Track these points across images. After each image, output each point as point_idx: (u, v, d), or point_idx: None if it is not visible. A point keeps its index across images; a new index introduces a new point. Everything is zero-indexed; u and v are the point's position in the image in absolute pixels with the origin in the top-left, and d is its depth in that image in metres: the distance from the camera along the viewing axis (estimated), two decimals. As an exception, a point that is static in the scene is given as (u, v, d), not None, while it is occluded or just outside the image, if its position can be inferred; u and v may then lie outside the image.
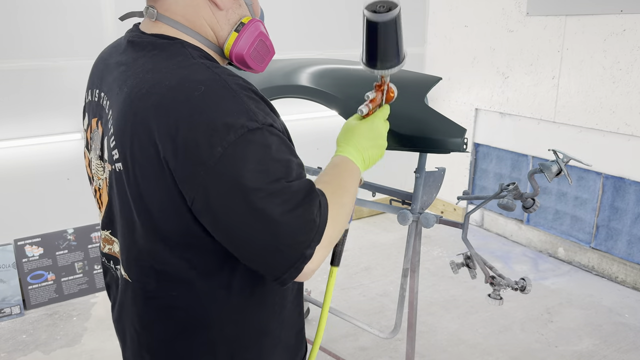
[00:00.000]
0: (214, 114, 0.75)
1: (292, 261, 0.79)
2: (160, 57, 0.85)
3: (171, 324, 0.91)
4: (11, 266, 2.82)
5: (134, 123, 0.80)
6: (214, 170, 0.74)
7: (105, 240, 1.00)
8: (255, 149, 0.76)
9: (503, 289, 1.61)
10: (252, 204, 0.75)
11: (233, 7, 0.91)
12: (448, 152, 1.53)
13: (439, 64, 4.11)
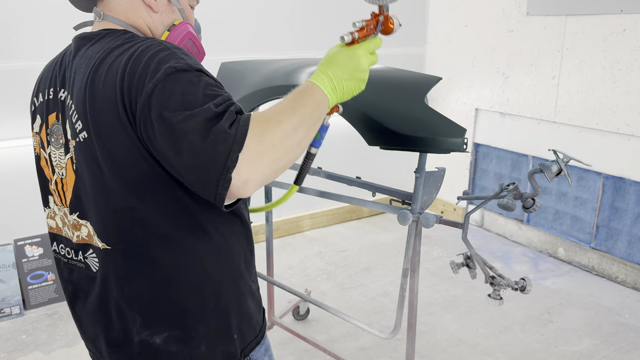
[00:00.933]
0: (148, 62, 0.88)
1: (217, 172, 0.84)
2: (113, 40, 0.97)
3: (157, 276, 0.99)
4: (11, 266, 2.82)
5: (92, 90, 0.92)
6: (148, 103, 0.86)
7: (73, 226, 1.06)
8: (180, 85, 0.87)
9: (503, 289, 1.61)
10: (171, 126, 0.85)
11: (166, 12, 1.07)
12: (448, 152, 1.53)
13: (439, 64, 4.11)
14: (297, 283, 3.16)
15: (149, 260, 0.99)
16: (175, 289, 1.00)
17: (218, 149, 0.84)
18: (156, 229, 0.97)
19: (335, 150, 3.84)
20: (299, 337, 2.38)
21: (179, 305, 1.01)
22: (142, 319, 1.02)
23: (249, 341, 1.10)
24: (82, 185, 1.00)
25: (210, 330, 1.03)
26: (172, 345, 1.02)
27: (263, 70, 1.97)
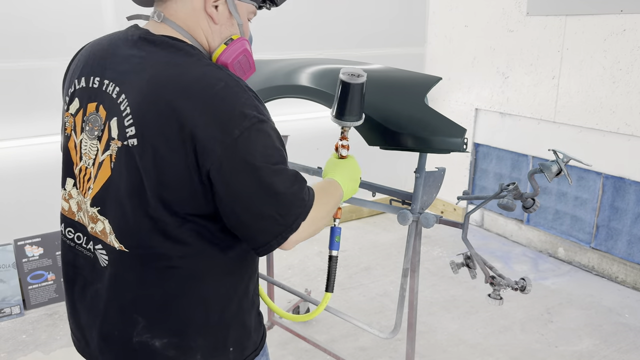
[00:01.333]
0: (233, 104, 0.93)
1: (282, 229, 0.97)
2: (177, 54, 1.00)
3: (168, 285, 1.03)
4: (11, 266, 2.82)
5: (157, 105, 0.94)
6: (230, 147, 0.91)
7: (91, 218, 1.07)
8: (262, 136, 0.94)
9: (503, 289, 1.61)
10: (260, 178, 0.93)
11: (226, 25, 1.09)
12: (448, 152, 1.53)
13: (439, 64, 4.11)
14: (297, 283, 3.16)
15: (164, 270, 1.02)
16: (183, 300, 1.04)
17: (292, 211, 0.97)
18: (178, 243, 1.01)
19: (335, 150, 3.84)
20: (299, 337, 2.38)
21: (184, 315, 1.05)
22: (145, 322, 1.05)
23: (247, 354, 1.14)
24: (114, 185, 1.01)
25: (208, 343, 1.07)
26: (170, 351, 1.05)
27: (263, 70, 1.97)
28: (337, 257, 1.36)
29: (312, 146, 3.73)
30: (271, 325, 2.58)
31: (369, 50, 3.89)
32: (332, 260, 1.37)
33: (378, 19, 3.89)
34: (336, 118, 1.37)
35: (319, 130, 3.76)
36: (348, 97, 1.31)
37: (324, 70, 1.82)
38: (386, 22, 3.94)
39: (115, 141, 0.99)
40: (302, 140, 3.64)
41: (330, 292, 1.39)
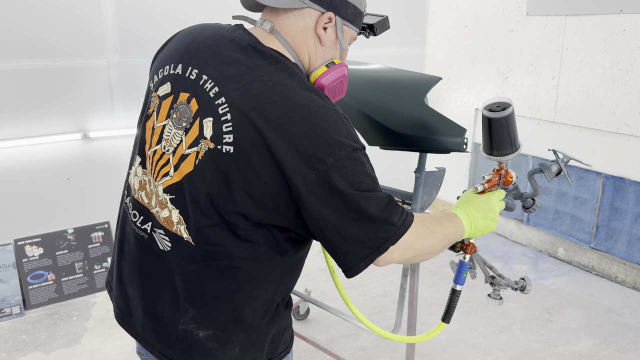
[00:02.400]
0: (331, 133, 0.96)
1: (368, 252, 0.98)
2: (284, 73, 1.01)
3: (227, 284, 1.06)
4: (11, 266, 2.82)
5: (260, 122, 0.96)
6: (324, 174, 0.94)
7: (159, 202, 1.08)
8: (355, 164, 0.97)
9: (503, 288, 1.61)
10: (350, 204, 0.95)
11: (331, 48, 1.11)
12: (448, 152, 1.53)
13: (439, 64, 4.11)
14: (297, 283, 3.16)
15: (225, 268, 1.05)
16: (237, 300, 1.07)
17: (379, 235, 0.98)
18: (245, 245, 1.04)
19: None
20: (299, 336, 2.38)
21: (234, 312, 1.08)
22: (195, 313, 1.08)
23: (279, 352, 1.19)
24: (194, 182, 1.02)
25: (248, 339, 1.11)
26: (211, 342, 1.09)
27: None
28: (459, 292, 1.36)
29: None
30: (271, 325, 2.58)
31: (369, 50, 3.89)
32: (454, 294, 1.38)
33: (378, 19, 3.89)
34: (485, 153, 1.31)
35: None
36: (492, 131, 1.24)
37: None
38: (386, 22, 3.93)
39: (207, 141, 1.00)
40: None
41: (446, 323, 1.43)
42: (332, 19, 1.07)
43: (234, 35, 1.07)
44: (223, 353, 1.10)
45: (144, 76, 3.07)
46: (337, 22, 1.08)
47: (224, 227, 1.02)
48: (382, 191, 1.01)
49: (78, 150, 2.96)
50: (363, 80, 1.76)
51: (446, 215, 1.17)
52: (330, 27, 1.08)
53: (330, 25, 1.07)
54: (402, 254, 1.03)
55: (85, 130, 2.95)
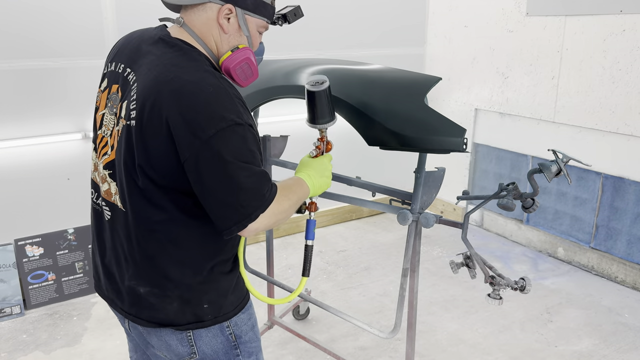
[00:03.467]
0: (215, 107, 1.09)
1: (241, 218, 1.12)
2: (183, 57, 1.17)
3: (152, 244, 1.22)
4: (11, 266, 2.82)
5: (156, 97, 1.11)
6: (205, 143, 1.08)
7: (101, 178, 1.29)
8: (236, 137, 1.10)
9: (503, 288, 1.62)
10: (227, 171, 1.09)
11: (235, 35, 1.25)
12: (448, 152, 1.53)
13: (439, 64, 4.12)
14: (297, 283, 3.17)
15: (147, 231, 1.21)
16: (162, 259, 1.23)
17: (252, 204, 1.12)
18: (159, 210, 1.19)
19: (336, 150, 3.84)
20: (299, 336, 2.39)
21: (162, 271, 1.24)
22: (133, 271, 1.25)
23: (225, 312, 1.31)
24: (119, 156, 1.21)
25: (183, 296, 1.25)
26: (152, 298, 1.25)
27: (263, 70, 1.97)
28: (312, 246, 1.49)
29: (311, 146, 3.73)
30: (271, 325, 2.58)
31: (369, 50, 3.89)
32: (307, 248, 1.49)
33: (378, 19, 3.89)
34: (310, 123, 1.53)
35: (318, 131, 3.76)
36: (315, 103, 1.47)
37: (324, 70, 1.82)
38: (386, 22, 3.94)
39: (122, 120, 1.19)
40: (302, 140, 3.64)
41: (306, 277, 1.48)
42: (232, 10, 1.21)
43: (152, 33, 1.26)
44: (164, 307, 1.26)
45: (144, 76, 3.07)
46: (238, 13, 1.22)
47: (140, 193, 1.18)
48: (259, 166, 1.15)
49: (78, 150, 2.96)
50: (363, 80, 1.76)
51: (293, 180, 1.33)
52: (232, 17, 1.22)
53: (231, 15, 1.22)
54: (267, 221, 1.16)
55: (85, 131, 2.96)
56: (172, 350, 1.31)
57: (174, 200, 1.18)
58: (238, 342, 1.35)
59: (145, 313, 1.27)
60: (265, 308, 2.81)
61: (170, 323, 1.27)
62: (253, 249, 3.61)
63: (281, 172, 2.42)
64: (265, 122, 3.26)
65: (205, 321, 1.29)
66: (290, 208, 1.24)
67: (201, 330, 1.29)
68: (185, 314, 1.27)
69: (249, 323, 1.38)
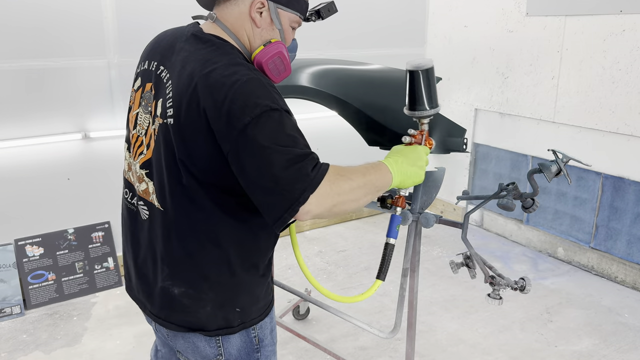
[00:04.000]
0: (250, 96, 1.08)
1: (289, 203, 1.05)
2: (217, 52, 1.17)
3: (191, 243, 1.21)
4: (11, 266, 2.82)
5: (192, 93, 1.11)
6: (242, 132, 1.06)
7: (138, 178, 1.28)
8: (272, 122, 1.07)
9: (503, 288, 1.62)
10: (264, 157, 1.05)
11: (267, 29, 1.24)
12: (448, 152, 1.53)
13: (438, 64, 4.11)
14: (297, 283, 3.17)
15: (187, 231, 1.21)
16: (200, 259, 1.22)
17: (296, 186, 1.05)
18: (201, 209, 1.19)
19: (335, 150, 3.85)
20: (299, 336, 2.39)
21: (200, 272, 1.23)
22: (169, 272, 1.25)
23: (252, 317, 1.31)
24: (157, 154, 1.21)
25: (217, 298, 1.25)
26: (186, 299, 1.25)
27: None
28: (393, 245, 1.35)
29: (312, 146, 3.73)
30: (271, 325, 2.58)
31: (369, 50, 3.89)
32: (387, 248, 1.38)
33: (378, 19, 3.89)
34: (408, 110, 1.38)
35: (318, 130, 3.76)
36: (414, 86, 1.33)
37: (324, 70, 1.83)
38: (386, 22, 3.94)
39: (158, 118, 1.19)
40: (302, 140, 3.65)
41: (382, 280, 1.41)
42: (264, 3, 1.21)
43: (185, 30, 1.26)
44: (197, 310, 1.25)
45: (144, 76, 3.07)
46: (270, 7, 1.22)
47: (182, 192, 1.18)
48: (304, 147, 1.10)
49: (78, 150, 2.97)
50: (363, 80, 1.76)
51: (369, 163, 1.23)
52: (264, 11, 1.22)
53: (264, 9, 1.21)
54: (320, 203, 1.08)
55: (85, 130, 2.96)
56: (199, 352, 1.31)
57: (216, 198, 1.18)
58: (260, 346, 1.36)
59: (177, 316, 1.27)
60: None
61: (201, 328, 1.26)
62: (253, 249, 3.60)
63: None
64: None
65: (234, 327, 1.29)
66: (355, 191, 1.14)
67: (230, 335, 1.29)
68: (217, 318, 1.26)
69: (270, 326, 1.38)
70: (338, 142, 3.82)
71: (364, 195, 1.17)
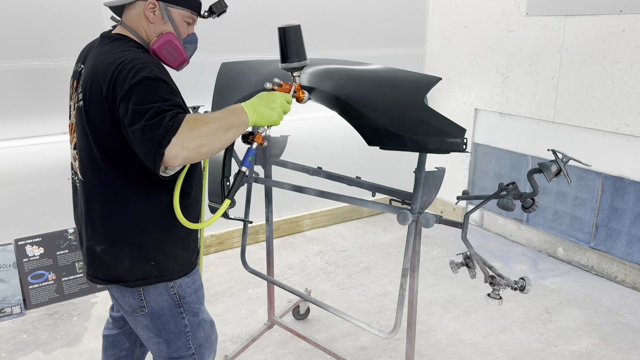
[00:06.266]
0: (130, 70, 1.34)
1: (156, 147, 1.26)
2: (114, 44, 1.47)
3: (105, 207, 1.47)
4: (12, 266, 2.82)
5: (93, 77, 1.40)
6: (124, 97, 1.32)
7: (73, 157, 1.55)
8: (148, 88, 1.32)
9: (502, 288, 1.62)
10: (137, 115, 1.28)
11: (160, 24, 1.53)
12: (448, 152, 1.53)
13: (438, 64, 4.12)
14: (297, 283, 3.17)
15: (99, 196, 1.47)
16: (113, 221, 1.47)
17: (158, 132, 1.26)
18: (108, 177, 1.44)
19: (335, 150, 3.85)
20: (299, 336, 2.39)
21: (114, 232, 1.48)
22: (91, 232, 1.51)
23: (170, 273, 1.53)
24: (77, 135, 1.49)
25: (133, 255, 1.49)
26: (106, 256, 1.50)
27: (263, 70, 1.97)
28: (244, 173, 1.50)
29: (312, 146, 3.74)
30: (271, 325, 2.58)
31: (369, 50, 3.90)
32: (239, 173, 1.52)
33: (378, 19, 3.90)
34: (281, 63, 1.57)
35: (319, 130, 3.77)
36: (287, 41, 1.54)
37: (324, 70, 1.83)
38: (386, 22, 3.94)
39: (76, 104, 1.47)
40: (302, 140, 3.65)
41: (229, 200, 1.53)
42: (155, 4, 1.50)
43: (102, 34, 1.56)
44: (116, 266, 1.49)
45: (144, 76, 3.07)
46: (161, 6, 1.50)
47: (93, 163, 1.45)
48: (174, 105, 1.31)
49: (78, 150, 2.96)
50: (363, 80, 1.76)
51: (228, 108, 1.43)
52: (157, 10, 1.51)
53: (156, 9, 1.50)
54: (184, 146, 1.27)
55: (85, 130, 2.96)
56: (127, 303, 1.55)
57: (119, 165, 1.42)
58: (182, 302, 1.57)
59: (100, 271, 1.52)
60: (265, 308, 2.81)
61: (121, 280, 1.50)
62: (253, 249, 3.61)
63: (282, 172, 2.42)
64: (265, 122, 3.26)
65: (151, 278, 1.51)
66: (214, 132, 1.33)
67: (149, 288, 1.52)
68: (135, 271, 1.49)
69: (192, 287, 1.59)
70: (338, 142, 3.83)
71: (223, 134, 1.35)
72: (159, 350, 1.61)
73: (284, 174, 2.46)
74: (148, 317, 1.55)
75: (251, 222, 2.29)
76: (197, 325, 1.61)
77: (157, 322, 1.56)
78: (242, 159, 1.50)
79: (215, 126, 1.33)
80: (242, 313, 2.84)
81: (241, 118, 1.41)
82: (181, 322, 1.58)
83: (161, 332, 1.57)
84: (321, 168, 2.16)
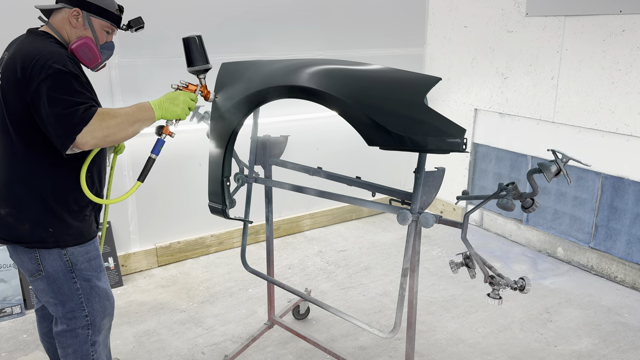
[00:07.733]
0: (46, 62, 1.57)
1: (68, 133, 1.53)
2: (36, 39, 1.71)
3: (11, 172, 1.69)
4: (12, 266, 2.83)
5: (12, 63, 1.63)
6: (39, 85, 1.55)
7: None
8: (61, 80, 1.56)
9: (502, 288, 1.62)
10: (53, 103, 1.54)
11: (81, 29, 1.77)
12: (447, 152, 1.54)
13: (438, 64, 4.12)
14: (297, 282, 3.17)
15: (8, 163, 1.69)
16: (17, 186, 1.68)
17: (72, 121, 1.53)
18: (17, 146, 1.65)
19: (335, 150, 3.85)
20: (299, 336, 2.39)
21: (19, 198, 1.69)
22: None
23: (65, 241, 1.73)
24: None
25: (33, 220, 1.70)
26: (9, 218, 1.71)
27: (263, 70, 1.98)
28: (154, 160, 1.76)
29: (312, 146, 3.74)
30: (271, 325, 2.59)
31: (369, 50, 3.90)
32: (149, 160, 1.76)
33: (378, 20, 3.90)
34: (188, 67, 1.87)
35: (319, 131, 3.77)
36: (190, 49, 1.86)
37: (324, 70, 1.83)
38: (386, 22, 3.95)
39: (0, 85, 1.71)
40: (302, 140, 3.65)
41: (141, 182, 1.75)
42: (79, 12, 1.74)
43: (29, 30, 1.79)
44: (18, 227, 1.70)
45: (144, 76, 3.08)
46: (84, 14, 1.75)
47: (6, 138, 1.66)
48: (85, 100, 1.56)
49: (78, 150, 2.97)
50: (363, 80, 1.77)
51: (137, 104, 1.69)
52: (80, 17, 1.74)
53: (79, 16, 1.74)
54: (93, 135, 1.55)
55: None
56: (25, 267, 1.76)
57: (28, 142, 1.64)
58: (74, 268, 1.76)
59: (3, 232, 1.72)
60: (265, 308, 2.81)
61: (21, 241, 1.70)
62: (253, 249, 3.61)
63: (282, 172, 2.42)
64: (265, 122, 3.26)
65: (47, 243, 1.71)
66: (120, 124, 1.61)
67: (44, 252, 1.72)
68: (34, 234, 1.70)
69: (85, 256, 1.78)
70: (338, 142, 3.83)
71: (129, 126, 1.63)
72: (57, 311, 1.80)
73: (284, 174, 2.46)
74: (45, 281, 1.75)
75: (251, 222, 2.29)
76: (89, 290, 1.80)
77: (53, 284, 1.75)
78: (153, 147, 1.75)
79: (122, 119, 1.62)
80: (242, 313, 2.84)
81: (148, 113, 1.69)
82: (73, 285, 1.77)
83: (56, 294, 1.76)
84: (321, 168, 2.16)
